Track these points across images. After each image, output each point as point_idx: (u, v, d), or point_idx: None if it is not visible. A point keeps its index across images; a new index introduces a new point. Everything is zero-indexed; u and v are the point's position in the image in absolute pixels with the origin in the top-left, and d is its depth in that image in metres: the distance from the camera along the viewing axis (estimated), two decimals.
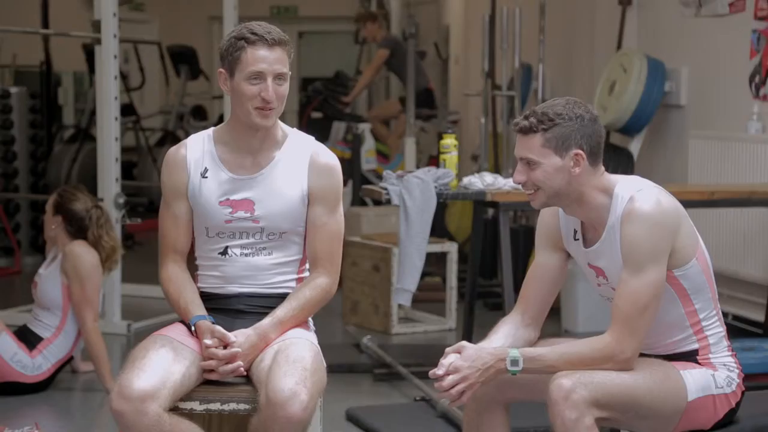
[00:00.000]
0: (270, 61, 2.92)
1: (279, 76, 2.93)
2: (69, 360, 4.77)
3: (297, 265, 3.06)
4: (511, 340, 2.89)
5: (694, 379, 2.81)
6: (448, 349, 2.81)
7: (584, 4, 7.27)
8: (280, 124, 3.05)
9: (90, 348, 4.62)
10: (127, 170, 10.59)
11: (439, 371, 2.77)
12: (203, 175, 3.01)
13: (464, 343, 2.83)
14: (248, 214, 2.99)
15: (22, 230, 7.90)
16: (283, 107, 2.97)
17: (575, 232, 2.88)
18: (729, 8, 5.75)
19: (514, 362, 2.75)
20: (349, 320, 6.15)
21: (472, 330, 5.10)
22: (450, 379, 2.75)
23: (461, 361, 2.76)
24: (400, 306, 5.96)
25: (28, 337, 4.65)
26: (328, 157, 3.05)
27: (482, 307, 6.36)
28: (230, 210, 2.99)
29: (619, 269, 2.77)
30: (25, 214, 7.94)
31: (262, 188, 2.99)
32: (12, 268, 7.60)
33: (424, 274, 6.93)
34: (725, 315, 5.62)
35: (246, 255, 3.01)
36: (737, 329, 5.59)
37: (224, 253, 3.01)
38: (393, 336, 5.90)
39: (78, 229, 4.69)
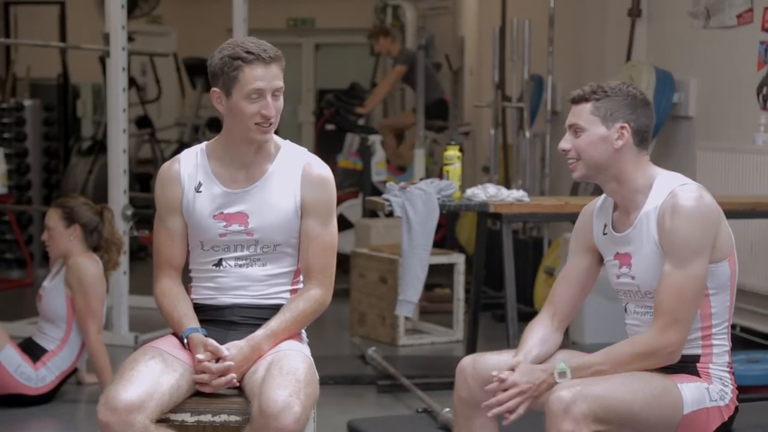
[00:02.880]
0: (268, 78, 2.93)
1: (277, 92, 2.95)
2: (73, 372, 4.80)
3: (291, 277, 3.08)
4: (546, 347, 2.93)
5: (690, 392, 2.82)
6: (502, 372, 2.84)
7: (594, 15, 7.26)
8: (273, 136, 3.07)
9: (94, 360, 4.65)
10: (145, 182, 10.66)
11: (497, 381, 2.82)
12: (197, 190, 3.03)
13: (518, 359, 2.86)
14: (242, 228, 3.01)
15: (35, 242, 7.96)
16: (277, 121, 2.99)
17: (605, 226, 2.93)
18: (737, 20, 5.74)
19: (562, 374, 2.79)
20: (356, 332, 6.16)
21: (476, 341, 5.10)
22: (508, 394, 2.80)
23: (518, 376, 2.80)
24: (407, 318, 5.96)
25: (32, 350, 4.68)
26: (321, 169, 3.06)
27: (490, 319, 6.36)
28: (224, 224, 3.01)
29: (645, 257, 2.81)
30: (37, 226, 7.98)
31: (256, 201, 3.01)
32: (24, 280, 7.66)
33: (434, 286, 7.00)
34: (733, 327, 5.65)
35: (240, 266, 3.03)
36: (744, 341, 5.56)
37: (218, 264, 3.03)
38: (400, 347, 5.90)
39: (93, 234, 4.71)
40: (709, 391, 2.84)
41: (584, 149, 2.84)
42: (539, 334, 2.95)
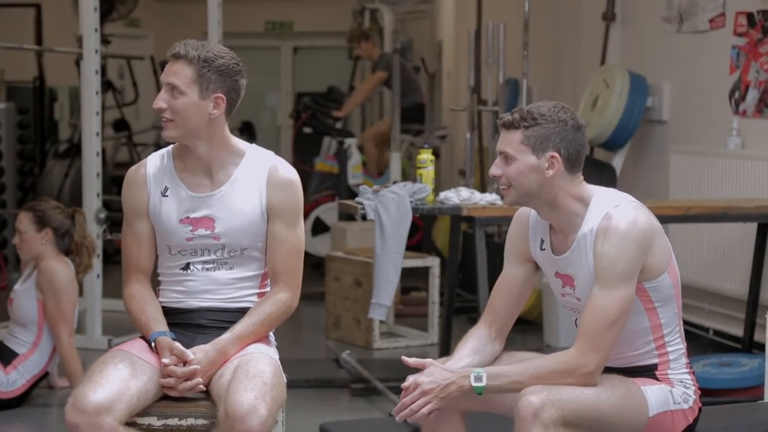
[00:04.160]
0: (167, 73, 2.96)
1: (171, 87, 2.94)
2: (44, 376, 4.78)
3: (258, 280, 3.08)
4: (479, 357, 2.92)
5: (654, 395, 2.83)
6: (412, 367, 2.85)
7: (569, 19, 7.29)
8: (236, 140, 3.07)
9: (65, 364, 4.64)
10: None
11: (403, 384, 2.83)
12: (164, 194, 3.03)
13: (429, 360, 2.86)
14: (209, 232, 3.01)
15: (9, 246, 7.90)
16: (186, 123, 2.95)
17: (542, 241, 2.90)
18: (709, 24, 5.77)
19: (478, 378, 2.77)
20: (331, 335, 6.16)
21: (450, 344, 5.10)
22: (411, 396, 2.79)
23: (422, 377, 2.80)
24: (382, 321, 5.96)
25: (3, 353, 4.66)
26: (287, 172, 3.05)
27: (466, 322, 6.35)
28: (191, 228, 3.01)
29: (588, 279, 2.80)
30: (12, 229, 7.87)
31: (222, 205, 3.01)
32: None
33: (410, 289, 7.00)
34: (706, 330, 5.71)
35: (207, 270, 3.03)
36: (717, 344, 5.58)
37: (186, 268, 3.03)
38: (375, 351, 5.90)
39: (64, 238, 4.69)
40: (673, 394, 2.86)
41: (515, 178, 2.81)
42: (473, 344, 2.93)
